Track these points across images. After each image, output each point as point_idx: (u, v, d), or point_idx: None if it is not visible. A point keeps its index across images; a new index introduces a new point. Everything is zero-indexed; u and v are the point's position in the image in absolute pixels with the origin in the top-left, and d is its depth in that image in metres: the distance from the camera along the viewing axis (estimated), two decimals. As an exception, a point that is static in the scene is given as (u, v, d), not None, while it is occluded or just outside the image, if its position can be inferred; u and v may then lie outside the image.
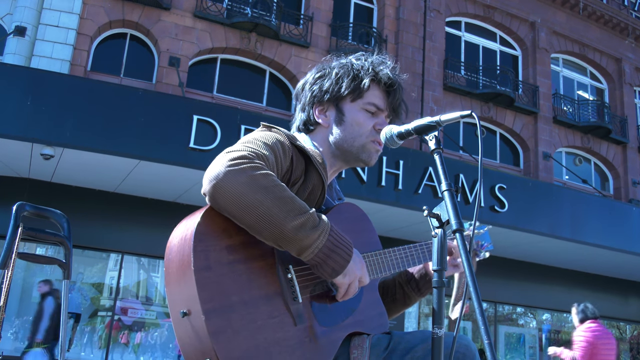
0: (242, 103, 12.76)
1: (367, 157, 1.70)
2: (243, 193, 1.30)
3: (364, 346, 1.56)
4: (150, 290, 11.02)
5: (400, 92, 1.73)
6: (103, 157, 8.30)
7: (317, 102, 1.73)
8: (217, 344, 1.25)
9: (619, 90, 17.94)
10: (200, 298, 1.26)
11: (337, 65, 1.73)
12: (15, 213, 2.57)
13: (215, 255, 1.33)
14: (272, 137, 1.52)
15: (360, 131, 1.68)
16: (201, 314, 1.26)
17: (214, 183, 1.32)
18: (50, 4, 11.32)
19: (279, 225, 1.32)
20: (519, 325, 14.87)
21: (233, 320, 1.29)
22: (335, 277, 1.42)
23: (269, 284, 1.39)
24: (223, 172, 1.32)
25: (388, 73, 1.71)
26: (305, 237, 1.34)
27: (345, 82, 1.69)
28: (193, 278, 1.28)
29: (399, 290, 1.88)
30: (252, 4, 13.00)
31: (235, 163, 1.33)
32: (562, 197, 11.86)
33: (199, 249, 1.31)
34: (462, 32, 16.21)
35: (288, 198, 1.34)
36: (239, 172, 1.32)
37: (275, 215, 1.32)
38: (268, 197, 1.32)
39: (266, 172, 1.35)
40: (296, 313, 1.41)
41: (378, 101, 1.70)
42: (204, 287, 1.28)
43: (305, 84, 1.77)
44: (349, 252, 1.42)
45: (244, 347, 1.29)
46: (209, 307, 1.27)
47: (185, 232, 1.35)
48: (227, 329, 1.27)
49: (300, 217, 1.34)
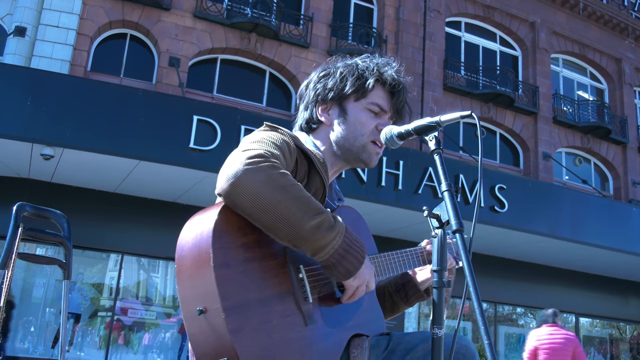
0: (242, 103, 12.76)
1: (367, 158, 1.70)
2: (261, 192, 1.29)
3: (364, 346, 1.56)
4: (150, 291, 11.02)
5: (404, 94, 1.73)
6: (103, 158, 8.30)
7: (321, 101, 1.73)
8: (237, 341, 1.24)
9: (619, 90, 17.94)
10: (220, 295, 1.25)
11: (342, 65, 1.73)
12: (15, 213, 2.57)
13: (233, 252, 1.32)
14: (280, 137, 1.52)
15: (362, 130, 1.68)
16: (221, 312, 1.24)
17: (232, 181, 1.30)
18: (50, 4, 11.32)
19: (296, 225, 1.31)
20: (519, 325, 14.87)
21: (250, 319, 1.28)
22: (348, 278, 1.42)
23: (281, 283, 1.39)
24: (242, 170, 1.30)
25: (393, 74, 1.71)
26: (322, 237, 1.34)
27: (349, 81, 1.69)
28: (212, 275, 1.26)
29: (388, 299, 1.89)
30: (252, 5, 13.00)
31: (254, 162, 1.32)
32: (562, 197, 11.86)
33: (217, 245, 1.29)
34: (462, 33, 16.22)
35: (305, 198, 1.34)
36: (258, 171, 1.31)
37: (293, 215, 1.31)
38: (286, 196, 1.31)
39: (283, 171, 1.35)
40: (307, 313, 1.41)
41: (382, 102, 1.70)
42: (223, 284, 1.26)
43: (310, 82, 1.77)
44: (362, 254, 1.43)
45: (262, 346, 1.28)
46: (228, 305, 1.25)
47: (202, 229, 1.33)
48: (245, 327, 1.27)
49: (318, 217, 1.34)
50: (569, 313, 14.88)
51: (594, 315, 14.99)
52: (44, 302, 10.27)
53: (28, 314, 10.15)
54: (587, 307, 14.63)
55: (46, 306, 10.26)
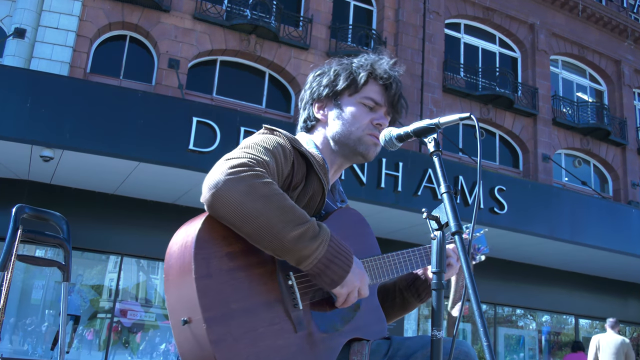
0: (241, 105, 12.76)
1: (365, 150, 1.70)
2: (242, 202, 1.29)
3: (364, 352, 1.55)
4: (149, 292, 11.01)
5: (398, 87, 1.73)
6: (102, 159, 8.30)
7: (317, 99, 1.75)
8: (218, 352, 1.24)
9: (618, 92, 17.95)
10: (201, 306, 1.25)
11: (336, 63, 1.76)
12: (14, 215, 2.57)
13: (216, 262, 1.31)
14: (274, 141, 1.52)
15: (357, 124, 1.68)
16: (202, 322, 1.24)
17: (213, 192, 1.31)
18: (49, 6, 11.32)
19: (278, 236, 1.31)
20: (518, 327, 14.86)
21: (234, 328, 1.28)
22: (334, 287, 1.41)
23: (269, 291, 1.38)
24: (223, 180, 1.30)
25: (385, 68, 1.72)
26: (305, 247, 1.33)
27: (342, 77, 1.71)
28: (194, 285, 1.27)
29: (399, 296, 1.86)
30: (252, 6, 13.01)
31: (235, 171, 1.32)
32: (561, 198, 11.86)
33: (199, 256, 1.29)
34: (462, 34, 16.23)
35: (288, 207, 1.33)
36: (239, 181, 1.30)
37: (275, 225, 1.30)
38: (268, 206, 1.30)
39: (266, 180, 1.34)
40: (297, 320, 1.40)
41: (375, 95, 1.70)
42: (205, 294, 1.27)
43: (306, 83, 1.80)
44: (348, 263, 1.41)
45: (245, 355, 1.28)
46: (209, 315, 1.25)
47: (186, 238, 1.33)
48: (228, 337, 1.26)
49: (300, 227, 1.33)
50: (568, 315, 14.88)
51: (593, 316, 14.98)
52: (43, 303, 10.26)
53: (27, 316, 10.14)
54: (587, 308, 14.63)
55: (45, 308, 10.25)
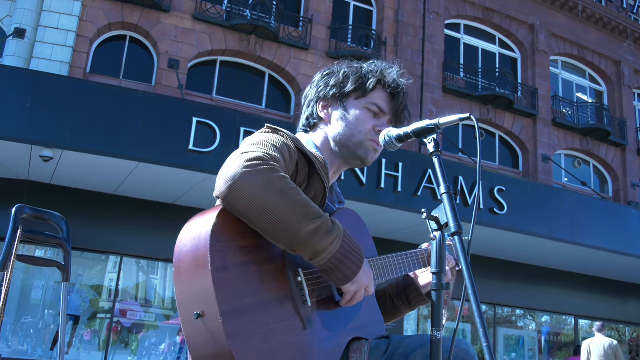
0: (241, 105, 12.76)
1: (365, 154, 1.70)
2: (259, 195, 1.28)
3: (363, 350, 1.56)
4: (149, 293, 11.01)
5: (404, 97, 1.75)
6: (102, 159, 8.29)
7: (322, 98, 1.75)
8: (234, 346, 1.23)
9: (618, 92, 17.96)
10: (217, 299, 1.24)
11: (346, 66, 1.77)
12: (14, 215, 2.57)
13: (231, 256, 1.31)
14: (280, 140, 1.52)
15: (359, 128, 1.69)
16: (219, 316, 1.23)
17: (230, 184, 1.29)
18: (49, 6, 11.32)
19: (294, 229, 1.30)
20: (518, 327, 14.86)
21: (248, 323, 1.27)
22: (346, 283, 1.41)
23: (279, 287, 1.38)
24: (240, 172, 1.29)
25: (394, 77, 1.73)
26: (320, 241, 1.33)
27: (351, 80, 1.72)
28: (210, 278, 1.25)
29: (389, 302, 1.88)
30: (252, 6, 13.01)
31: (252, 164, 1.31)
32: (561, 199, 11.86)
33: (216, 248, 1.28)
34: (462, 35, 16.23)
35: (303, 201, 1.33)
36: (256, 174, 1.30)
37: (291, 218, 1.30)
38: (284, 200, 1.30)
39: (282, 174, 1.34)
40: (305, 317, 1.41)
41: (381, 102, 1.71)
42: (221, 287, 1.25)
43: (313, 81, 1.80)
44: (360, 259, 1.41)
45: (258, 350, 1.27)
46: (225, 309, 1.24)
47: (200, 231, 1.31)
48: (242, 331, 1.26)
49: (315, 221, 1.32)
50: (568, 315, 14.88)
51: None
52: (42, 304, 10.26)
53: (27, 316, 10.14)
54: (586, 309, 14.63)
55: (45, 308, 10.25)
